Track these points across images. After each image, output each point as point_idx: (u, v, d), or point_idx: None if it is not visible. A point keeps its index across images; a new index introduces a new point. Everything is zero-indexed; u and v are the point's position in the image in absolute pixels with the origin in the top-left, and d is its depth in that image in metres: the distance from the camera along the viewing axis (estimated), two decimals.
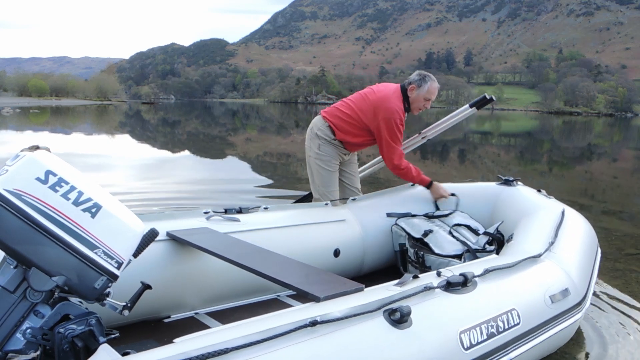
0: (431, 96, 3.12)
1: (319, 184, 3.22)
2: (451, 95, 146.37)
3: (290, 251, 2.54)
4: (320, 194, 3.24)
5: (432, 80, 3.12)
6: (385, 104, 3.03)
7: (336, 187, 3.26)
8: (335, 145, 3.17)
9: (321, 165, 3.17)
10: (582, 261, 2.40)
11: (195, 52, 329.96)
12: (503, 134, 25.58)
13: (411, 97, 3.10)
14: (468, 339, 1.64)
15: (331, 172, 3.19)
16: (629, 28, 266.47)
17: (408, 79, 3.14)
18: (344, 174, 3.36)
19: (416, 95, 3.09)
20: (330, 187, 3.21)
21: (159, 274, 2.15)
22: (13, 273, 1.51)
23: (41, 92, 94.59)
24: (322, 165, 3.17)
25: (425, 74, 3.13)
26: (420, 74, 3.13)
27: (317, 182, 3.24)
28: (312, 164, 3.21)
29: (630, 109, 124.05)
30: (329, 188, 3.20)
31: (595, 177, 9.65)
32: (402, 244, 2.95)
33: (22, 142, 12.98)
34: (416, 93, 3.08)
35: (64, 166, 1.55)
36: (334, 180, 3.23)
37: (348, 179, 3.37)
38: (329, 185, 3.20)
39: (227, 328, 1.35)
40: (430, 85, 3.09)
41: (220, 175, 8.22)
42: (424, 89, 3.08)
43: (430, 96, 3.11)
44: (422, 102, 3.11)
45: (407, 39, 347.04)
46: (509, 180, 3.20)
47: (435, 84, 3.13)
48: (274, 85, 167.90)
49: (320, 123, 3.18)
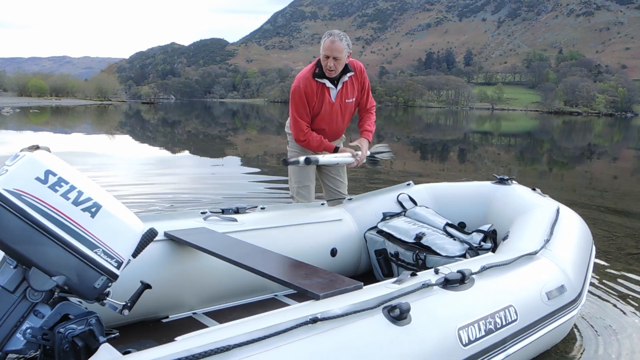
0: (326, 52, 2.82)
1: (292, 181, 3.24)
2: (451, 95, 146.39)
3: (287, 251, 2.55)
4: (294, 191, 3.25)
5: (328, 35, 2.84)
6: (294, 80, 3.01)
7: (308, 183, 3.20)
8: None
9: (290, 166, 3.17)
10: (578, 258, 2.41)
11: (195, 52, 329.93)
12: (503, 134, 25.59)
13: (321, 59, 2.90)
14: (467, 335, 1.66)
15: (301, 168, 3.15)
16: (629, 28, 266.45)
17: None
18: (328, 177, 3.31)
19: (321, 58, 2.88)
20: (304, 183, 3.17)
21: (157, 274, 2.15)
22: (13, 273, 1.52)
23: (41, 92, 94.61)
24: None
25: (329, 31, 2.88)
26: (325, 33, 2.91)
27: (291, 179, 3.26)
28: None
29: (630, 108, 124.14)
30: (302, 184, 3.18)
31: (595, 177, 9.66)
32: (379, 250, 2.94)
33: (22, 142, 12.99)
34: (320, 56, 2.88)
35: (63, 166, 1.56)
36: (306, 176, 3.19)
37: (332, 183, 3.30)
38: (300, 181, 3.18)
39: (228, 326, 1.36)
40: (325, 41, 2.82)
41: (219, 175, 8.23)
42: (320, 48, 2.85)
43: (326, 52, 2.83)
44: (325, 61, 2.86)
45: (407, 39, 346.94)
46: (504, 179, 3.21)
47: (329, 38, 2.81)
48: (274, 85, 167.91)
49: (288, 121, 3.22)
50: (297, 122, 3.03)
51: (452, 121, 42.38)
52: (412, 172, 8.83)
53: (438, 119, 46.63)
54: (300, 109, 2.99)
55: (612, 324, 2.80)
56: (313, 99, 2.99)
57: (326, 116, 3.08)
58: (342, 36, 2.85)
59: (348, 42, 2.88)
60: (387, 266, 2.94)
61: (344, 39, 2.84)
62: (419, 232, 2.81)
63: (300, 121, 3.02)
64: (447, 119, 48.08)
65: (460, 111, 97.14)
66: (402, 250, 2.81)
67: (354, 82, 3.07)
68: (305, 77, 2.95)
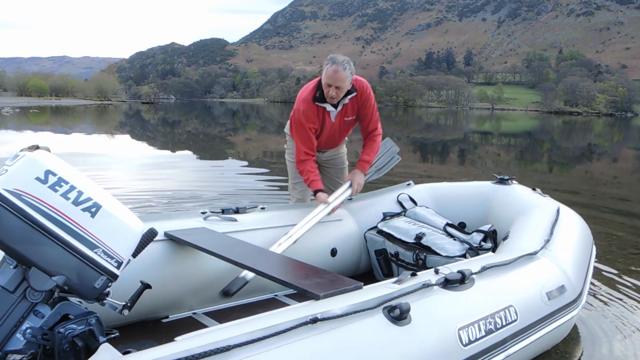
0: (329, 80, 2.68)
1: (289, 178, 3.30)
2: (451, 95, 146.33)
3: (287, 251, 2.55)
4: (290, 186, 3.30)
5: (331, 63, 2.67)
6: (296, 99, 2.93)
7: (299, 180, 3.19)
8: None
9: (288, 159, 3.23)
10: (578, 258, 2.41)
11: (195, 52, 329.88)
12: (503, 134, 25.58)
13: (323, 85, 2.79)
14: (467, 335, 1.65)
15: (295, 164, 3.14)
16: (629, 28, 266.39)
17: None
18: (329, 178, 3.29)
19: (323, 84, 2.76)
20: (298, 179, 3.18)
21: (157, 274, 2.15)
22: (13, 273, 1.52)
23: (41, 92, 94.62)
24: (288, 158, 3.22)
25: (330, 57, 2.70)
26: (327, 59, 2.73)
27: (288, 175, 3.30)
28: (286, 160, 3.28)
29: (630, 108, 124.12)
30: (296, 179, 3.20)
31: (596, 177, 9.66)
32: (379, 250, 2.94)
33: (21, 142, 12.99)
34: (322, 79, 2.77)
35: (63, 166, 1.56)
36: (296, 174, 3.20)
37: (332, 184, 3.28)
38: (295, 177, 3.20)
39: (228, 326, 1.36)
40: (327, 70, 2.67)
41: (219, 175, 8.23)
42: (322, 74, 2.72)
43: (328, 81, 2.69)
44: (327, 89, 2.74)
45: (407, 39, 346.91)
46: (504, 179, 3.21)
47: (332, 67, 2.65)
48: (274, 85, 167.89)
49: (288, 122, 3.21)
50: (297, 147, 2.99)
51: (452, 121, 42.38)
52: (412, 172, 8.83)
53: (438, 119, 46.62)
54: (302, 134, 2.93)
55: (612, 323, 2.80)
56: (315, 122, 2.93)
57: (325, 133, 3.06)
58: (346, 64, 2.70)
59: (352, 69, 2.75)
60: (387, 266, 2.94)
61: (347, 67, 2.70)
62: (419, 232, 2.81)
63: (301, 145, 2.95)
64: (447, 119, 48.08)
65: (460, 111, 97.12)
66: (402, 250, 2.81)
67: (355, 102, 2.97)
68: (306, 101, 2.87)
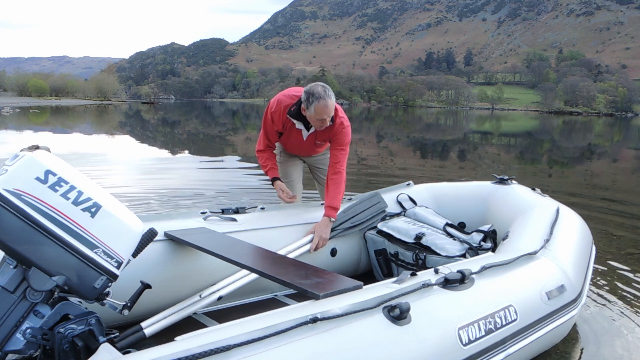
0: (320, 116, 2.68)
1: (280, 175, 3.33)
2: (451, 95, 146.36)
3: (287, 251, 2.55)
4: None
5: (318, 98, 2.63)
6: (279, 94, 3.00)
7: (294, 178, 3.28)
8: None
9: (277, 159, 3.26)
10: (578, 258, 2.41)
11: (195, 52, 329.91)
12: (503, 134, 25.58)
13: (307, 116, 2.78)
14: (467, 335, 1.65)
15: (282, 164, 3.24)
16: (629, 28, 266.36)
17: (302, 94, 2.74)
18: (321, 178, 3.32)
19: (309, 116, 2.75)
20: (287, 178, 3.24)
21: (157, 274, 2.15)
22: (13, 273, 1.52)
23: (41, 92, 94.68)
24: (277, 158, 3.25)
25: (311, 93, 2.65)
26: (306, 93, 2.67)
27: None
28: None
29: (631, 108, 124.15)
30: (285, 179, 3.24)
31: (595, 177, 9.65)
32: (379, 250, 2.95)
33: (22, 142, 12.99)
34: (307, 114, 2.75)
35: (63, 166, 1.56)
36: (289, 172, 3.27)
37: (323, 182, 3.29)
38: (284, 176, 3.24)
39: (228, 326, 1.36)
40: (316, 106, 2.64)
41: (219, 175, 8.23)
42: (311, 110, 2.69)
43: (320, 116, 2.68)
44: (318, 122, 2.75)
45: (407, 39, 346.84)
46: (504, 179, 3.22)
47: (321, 102, 2.62)
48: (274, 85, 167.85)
49: None
50: (260, 137, 3.07)
51: (452, 121, 42.38)
52: (411, 172, 8.83)
53: (438, 118, 46.62)
54: (266, 128, 3.01)
55: (612, 323, 2.80)
56: (279, 127, 2.96)
57: (296, 146, 3.10)
58: (329, 92, 2.68)
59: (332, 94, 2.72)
60: (387, 266, 2.94)
61: (331, 94, 2.68)
62: (419, 232, 2.81)
63: (264, 137, 3.05)
64: (447, 118, 48.08)
65: (460, 111, 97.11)
66: (402, 250, 2.81)
67: (328, 131, 2.89)
68: (281, 106, 2.88)
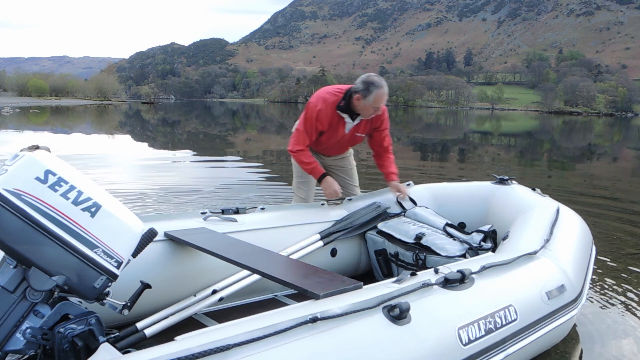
0: (378, 104, 2.92)
1: (294, 176, 3.37)
2: (451, 95, 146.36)
3: (287, 251, 2.55)
4: (295, 186, 3.39)
5: (378, 87, 2.87)
6: (314, 95, 3.05)
7: (310, 179, 3.28)
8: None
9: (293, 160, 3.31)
10: (578, 258, 2.41)
11: (195, 52, 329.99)
12: (503, 134, 25.58)
13: (358, 106, 2.94)
14: (466, 335, 1.65)
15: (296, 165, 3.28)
16: (629, 28, 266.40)
17: (354, 86, 2.95)
18: (338, 179, 3.34)
19: (363, 105, 2.92)
20: (303, 178, 3.29)
21: (157, 274, 2.15)
22: (13, 273, 1.52)
23: (41, 92, 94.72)
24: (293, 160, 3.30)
25: (370, 82, 2.88)
26: (365, 82, 2.89)
27: (294, 174, 3.38)
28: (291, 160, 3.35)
29: (631, 108, 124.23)
30: (301, 179, 3.30)
31: (596, 177, 9.65)
32: (379, 250, 2.94)
33: (22, 142, 12.99)
34: (363, 103, 2.91)
35: (63, 166, 1.56)
36: (302, 173, 3.29)
37: (340, 182, 3.32)
38: (300, 176, 3.30)
39: (228, 326, 1.36)
40: (376, 94, 2.87)
41: (219, 175, 8.22)
42: (369, 99, 2.88)
43: (377, 104, 2.92)
44: (372, 110, 2.95)
45: (407, 39, 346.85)
46: (504, 179, 3.22)
47: (381, 90, 2.87)
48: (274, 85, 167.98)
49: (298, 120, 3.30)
50: (299, 135, 3.06)
51: (452, 121, 42.38)
52: (411, 172, 8.83)
53: (438, 118, 46.62)
54: (308, 128, 3.03)
55: (612, 324, 2.80)
56: (325, 126, 3.03)
57: (333, 141, 3.16)
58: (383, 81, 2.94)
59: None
60: (387, 266, 2.94)
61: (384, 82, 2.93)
62: (419, 232, 2.81)
63: (304, 136, 3.05)
64: (447, 118, 48.08)
65: (460, 111, 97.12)
66: (402, 251, 2.81)
67: (372, 121, 3.11)
68: (327, 103, 2.97)
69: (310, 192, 3.33)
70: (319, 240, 2.78)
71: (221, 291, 2.32)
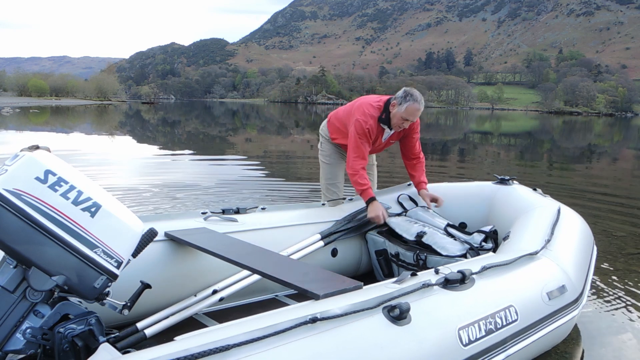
0: (409, 117, 2.95)
1: (322, 177, 3.43)
2: (451, 95, 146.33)
3: (287, 251, 2.54)
4: (324, 187, 3.42)
5: (414, 100, 2.92)
6: (359, 109, 3.06)
7: (340, 180, 3.38)
8: (334, 144, 3.36)
9: (323, 160, 3.40)
10: (579, 258, 2.41)
11: (195, 52, 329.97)
12: (503, 134, 25.58)
13: (392, 113, 3.00)
14: (467, 335, 1.65)
15: (331, 165, 3.37)
16: (629, 28, 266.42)
17: (396, 94, 3.02)
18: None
19: (395, 112, 2.98)
20: (333, 180, 3.36)
21: (157, 274, 2.15)
22: (13, 273, 1.52)
23: (41, 92, 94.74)
24: (323, 160, 3.40)
25: (410, 93, 2.94)
26: (405, 92, 2.96)
27: (321, 176, 3.44)
28: (319, 160, 3.43)
29: (631, 108, 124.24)
30: (331, 181, 3.36)
31: (596, 177, 9.65)
32: (380, 250, 2.94)
33: (22, 142, 12.99)
34: (396, 110, 2.97)
35: (63, 166, 1.56)
36: (336, 174, 3.37)
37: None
38: (330, 178, 3.37)
39: (228, 326, 1.35)
40: (409, 106, 2.92)
41: (219, 175, 8.22)
42: (402, 108, 2.93)
43: (407, 116, 2.95)
44: (400, 121, 2.99)
45: (407, 39, 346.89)
46: (505, 179, 3.21)
47: (415, 105, 2.92)
48: (274, 85, 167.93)
49: (324, 123, 3.42)
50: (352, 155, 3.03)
51: (452, 121, 42.38)
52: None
53: (438, 118, 46.60)
54: (366, 145, 3.04)
55: (613, 324, 2.80)
56: (372, 139, 3.10)
57: (370, 150, 3.20)
58: (423, 102, 3.00)
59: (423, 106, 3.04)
60: (387, 267, 2.94)
61: (423, 105, 3.00)
62: (420, 230, 2.82)
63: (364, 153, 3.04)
64: (447, 118, 48.07)
65: (460, 111, 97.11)
66: (403, 251, 2.81)
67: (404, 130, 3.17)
68: (373, 119, 3.03)
69: (340, 193, 3.38)
70: (320, 240, 2.78)
71: (221, 291, 2.32)
